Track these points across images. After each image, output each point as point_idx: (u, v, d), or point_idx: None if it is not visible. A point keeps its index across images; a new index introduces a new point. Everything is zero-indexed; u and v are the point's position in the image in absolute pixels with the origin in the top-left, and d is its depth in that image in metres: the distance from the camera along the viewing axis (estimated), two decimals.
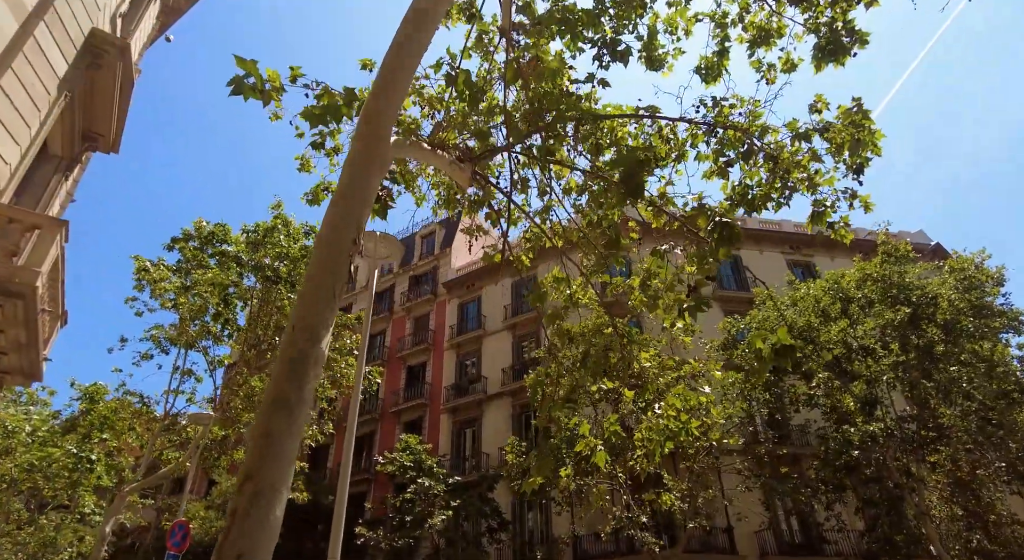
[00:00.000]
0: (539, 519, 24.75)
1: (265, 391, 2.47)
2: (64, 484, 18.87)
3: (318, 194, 7.54)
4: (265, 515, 2.08)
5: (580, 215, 6.18)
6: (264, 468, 2.15)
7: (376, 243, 7.70)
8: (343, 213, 2.89)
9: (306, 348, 2.37)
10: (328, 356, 15.82)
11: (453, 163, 4.33)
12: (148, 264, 14.81)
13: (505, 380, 28.47)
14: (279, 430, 2.20)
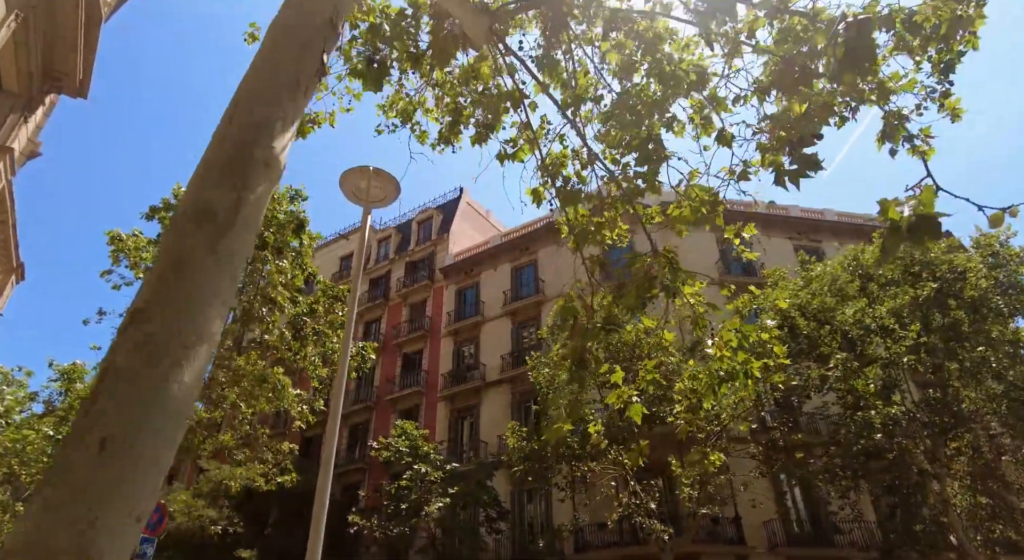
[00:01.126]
0: (539, 509, 23.91)
1: (179, 202, 1.57)
2: (40, 469, 17.92)
3: (303, 127, 6.61)
4: (160, 380, 1.20)
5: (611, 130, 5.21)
6: (167, 306, 1.27)
7: (369, 181, 6.77)
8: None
9: (248, 143, 1.47)
10: (320, 329, 15.01)
11: (470, 8, 3.41)
12: (122, 234, 13.84)
13: (504, 367, 27.60)
14: (196, 252, 1.32)
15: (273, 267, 13.02)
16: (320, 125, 6.65)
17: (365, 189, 6.88)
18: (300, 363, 15.04)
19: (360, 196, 6.93)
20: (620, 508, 15.19)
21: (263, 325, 13.68)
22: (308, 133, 6.56)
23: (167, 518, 10.90)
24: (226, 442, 15.31)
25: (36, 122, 9.64)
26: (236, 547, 22.47)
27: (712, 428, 16.29)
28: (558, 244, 29.42)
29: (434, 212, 37.97)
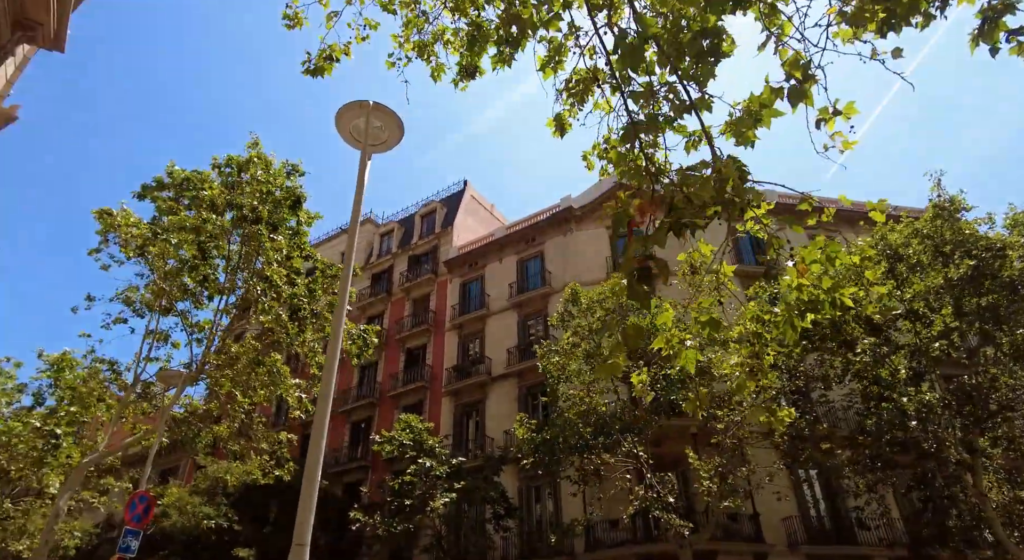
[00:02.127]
0: (548, 506, 23.08)
1: None
2: (27, 463, 17.16)
3: (321, 64, 5.86)
4: None
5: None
6: None
7: (368, 116, 5.97)
8: None
9: None
10: (319, 311, 14.21)
11: None
12: (111, 210, 13.08)
13: (511, 361, 26.79)
14: None
15: (268, 244, 12.21)
16: (338, 59, 5.92)
17: (364, 129, 6.08)
18: (298, 349, 14.24)
19: (358, 137, 6.14)
20: (636, 501, 14.33)
21: (259, 306, 12.90)
22: (328, 71, 5.83)
23: (154, 508, 10.11)
24: (220, 432, 14.51)
25: (7, 75, 8.87)
26: (234, 545, 21.69)
27: (731, 418, 15.44)
28: (565, 234, 28.68)
29: (437, 205, 37.23)
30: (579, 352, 16.69)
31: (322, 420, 4.56)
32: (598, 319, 16.55)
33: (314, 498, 4.24)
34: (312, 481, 4.28)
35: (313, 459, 4.37)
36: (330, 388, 4.66)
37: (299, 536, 4.05)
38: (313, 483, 4.28)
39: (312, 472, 4.31)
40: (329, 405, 4.67)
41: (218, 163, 12.38)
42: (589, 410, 16.23)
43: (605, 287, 17.54)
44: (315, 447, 4.42)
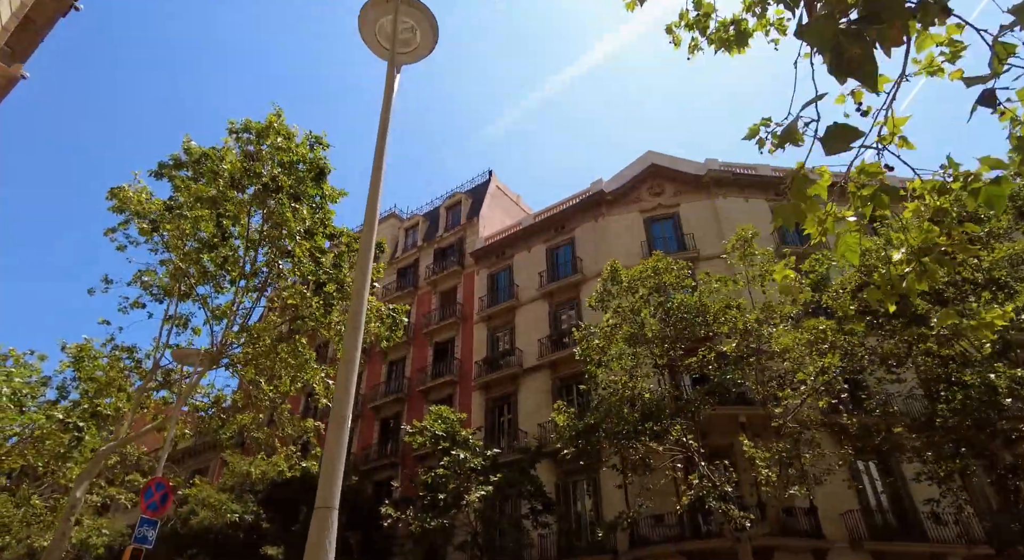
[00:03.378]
0: (587, 501, 21.94)
1: None
2: (51, 457, 16.66)
3: None
4: None
5: None
6: None
7: (396, 15, 4.99)
8: None
9: None
10: (345, 285, 13.32)
11: None
12: (126, 189, 12.39)
13: (543, 351, 25.72)
14: None
15: (289, 214, 11.36)
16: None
17: (386, 23, 5.12)
18: (324, 332, 13.40)
19: (383, 42, 5.18)
20: (691, 492, 13.13)
21: (281, 280, 12.10)
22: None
23: (172, 497, 9.30)
24: (245, 421, 13.75)
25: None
26: (263, 543, 21.00)
27: (792, 400, 14.16)
28: (596, 219, 27.54)
29: (463, 197, 36.39)
30: (620, 334, 15.56)
31: (353, 346, 3.60)
32: (640, 298, 15.41)
33: (342, 447, 3.28)
34: (340, 425, 3.31)
35: (342, 394, 3.40)
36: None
37: (325, 497, 3.08)
38: (342, 428, 3.31)
39: (340, 411, 3.35)
40: (360, 332, 3.70)
41: (235, 128, 11.58)
42: (633, 396, 15.08)
43: (647, 263, 16.39)
44: (344, 381, 3.45)
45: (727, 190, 25.75)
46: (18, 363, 17.59)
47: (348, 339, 3.66)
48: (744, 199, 25.54)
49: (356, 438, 30.89)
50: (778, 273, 4.01)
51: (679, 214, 26.04)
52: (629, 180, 27.20)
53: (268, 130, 11.58)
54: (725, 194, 25.62)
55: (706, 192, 26.01)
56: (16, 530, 18.67)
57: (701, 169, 26.34)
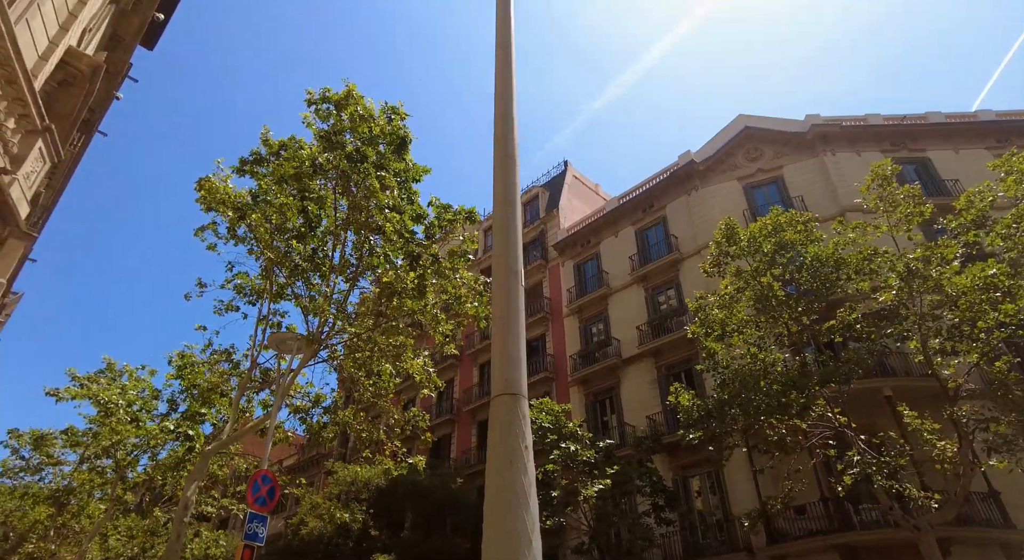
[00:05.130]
0: (711, 497, 19.96)
1: None
2: (166, 467, 16.83)
3: None
4: None
5: None
6: None
7: None
8: None
9: None
10: (440, 262, 12.41)
11: None
12: (213, 181, 12.06)
13: (643, 339, 24.00)
14: None
15: (375, 182, 10.56)
16: None
17: None
18: (420, 318, 12.54)
19: None
20: (852, 471, 11.11)
21: (373, 257, 11.34)
22: None
23: (279, 491, 8.57)
24: (346, 418, 13.08)
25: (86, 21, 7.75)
26: (372, 552, 20.46)
27: (970, 357, 11.85)
28: (688, 193, 25.62)
29: (540, 190, 35.31)
30: (743, 301, 13.77)
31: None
32: (766, 256, 13.56)
33: (517, 311, 2.15)
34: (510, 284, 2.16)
35: (501, 240, 2.25)
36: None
37: (505, 383, 1.95)
38: (514, 288, 2.17)
39: (507, 263, 2.20)
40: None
41: (313, 98, 10.98)
42: (765, 368, 13.23)
43: (766, 220, 14.51)
44: (504, 219, 2.30)
45: (836, 145, 23.18)
46: (132, 378, 18.01)
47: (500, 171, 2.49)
48: (856, 153, 22.88)
49: (454, 442, 30.23)
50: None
51: (783, 177, 23.69)
52: (722, 147, 25.14)
53: (347, 99, 10.89)
54: (834, 150, 23.07)
55: (811, 150, 23.54)
56: (140, 539, 19.05)
57: (803, 126, 23.91)
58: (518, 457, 1.91)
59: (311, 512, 21.99)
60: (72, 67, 9.16)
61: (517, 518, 1.75)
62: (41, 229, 25.63)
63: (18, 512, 23.69)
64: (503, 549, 1.71)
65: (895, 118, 23.70)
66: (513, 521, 1.74)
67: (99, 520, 18.03)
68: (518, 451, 1.92)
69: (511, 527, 1.74)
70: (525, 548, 1.69)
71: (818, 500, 16.44)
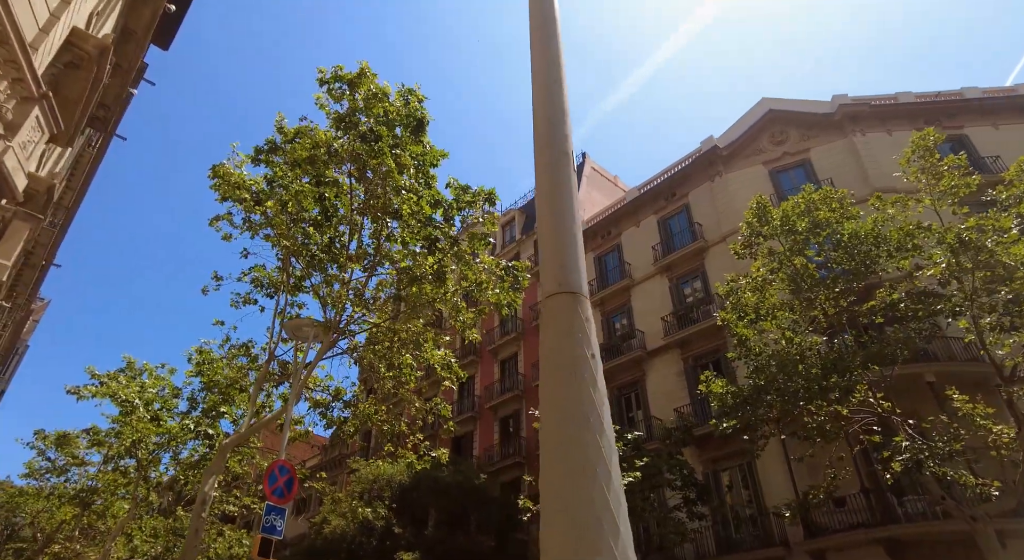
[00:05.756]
0: (743, 490, 19.28)
1: None
2: (187, 466, 16.65)
3: None
4: None
5: None
6: None
7: None
8: None
9: None
10: (460, 245, 11.98)
11: None
12: (228, 168, 11.77)
13: (668, 330, 23.36)
14: None
15: (391, 163, 10.16)
16: None
17: None
18: (440, 306, 12.11)
19: None
20: (902, 456, 10.43)
21: (391, 241, 10.95)
22: None
23: (297, 482, 8.19)
24: (367, 411, 12.71)
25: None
26: (396, 550, 20.13)
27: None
28: (712, 179, 24.90)
29: None
30: (778, 279, 13.12)
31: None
32: (801, 235, 12.90)
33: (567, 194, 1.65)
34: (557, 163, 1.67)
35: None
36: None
37: (565, 279, 1.46)
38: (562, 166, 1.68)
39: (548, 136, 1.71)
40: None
41: (325, 77, 10.60)
42: (802, 352, 12.57)
43: (798, 198, 13.84)
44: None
45: (865, 125, 22.31)
46: (151, 376, 17.87)
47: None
48: (887, 133, 22.00)
49: (476, 439, 29.83)
50: None
51: (810, 160, 22.88)
52: (746, 131, 24.39)
53: (360, 79, 10.50)
54: (863, 130, 22.21)
55: (839, 131, 22.70)
56: (163, 538, 18.93)
57: (830, 107, 23.07)
58: (584, 366, 1.45)
59: (333, 510, 21.74)
60: (78, 48, 8.89)
61: (588, 444, 1.27)
62: (66, 231, 25.77)
63: (45, 513, 23.81)
64: (574, 484, 1.23)
65: (928, 95, 22.76)
66: (583, 448, 1.27)
67: (122, 520, 17.90)
68: (583, 359, 1.46)
69: (581, 456, 1.25)
70: (603, 483, 1.21)
71: (858, 491, 15.71)
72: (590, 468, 1.24)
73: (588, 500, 1.20)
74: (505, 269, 11.45)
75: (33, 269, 21.17)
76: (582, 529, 1.17)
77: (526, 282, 11.90)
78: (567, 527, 1.23)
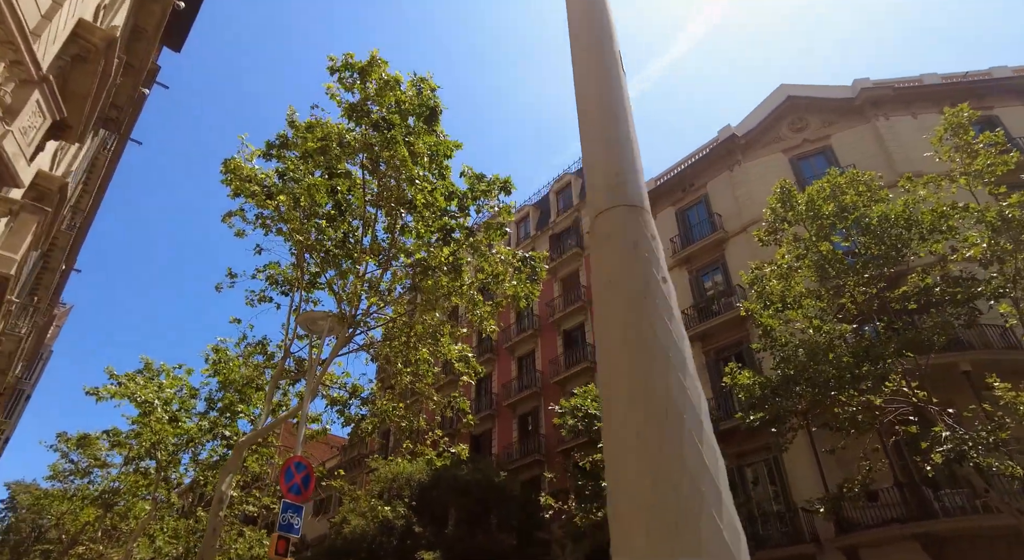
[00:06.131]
0: (768, 486, 18.80)
1: None
2: (205, 466, 16.60)
3: None
4: None
5: None
6: None
7: None
8: None
9: None
10: (476, 234, 11.70)
11: None
12: (240, 163, 11.61)
13: (689, 323, 22.85)
14: None
15: (404, 152, 9.90)
16: None
17: None
18: (456, 300, 11.85)
19: None
20: (943, 447, 9.94)
21: (406, 233, 10.72)
22: None
23: (314, 479, 7.97)
24: (385, 407, 12.49)
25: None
26: (417, 549, 19.94)
27: None
28: (731, 169, 24.38)
29: (572, 177, 34.39)
30: (804, 266, 12.67)
31: None
32: (828, 218, 12.44)
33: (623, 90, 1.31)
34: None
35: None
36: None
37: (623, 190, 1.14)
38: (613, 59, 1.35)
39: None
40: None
41: (336, 66, 10.38)
42: (831, 341, 12.11)
43: (823, 183, 13.37)
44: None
45: (888, 109, 21.67)
46: (169, 377, 17.84)
47: None
48: (912, 116, 21.34)
49: (495, 438, 29.57)
50: None
51: (831, 147, 22.28)
52: (764, 119, 23.83)
53: (371, 67, 10.26)
54: (887, 114, 21.57)
55: (861, 116, 22.07)
56: (184, 539, 18.92)
57: (851, 92, 22.44)
58: (656, 292, 1.16)
59: (353, 510, 21.60)
60: (85, 40, 8.75)
61: (672, 386, 0.97)
62: (84, 234, 25.88)
63: (69, 514, 23.99)
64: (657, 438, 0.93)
65: (955, 76, 22.04)
66: (665, 392, 0.96)
67: (143, 520, 17.92)
68: (655, 283, 1.17)
69: (663, 401, 0.94)
70: (694, 434, 0.92)
71: (892, 485, 15.18)
72: (675, 415, 0.95)
73: (677, 457, 0.90)
74: (522, 260, 11.15)
75: (52, 272, 21.29)
76: (673, 496, 0.87)
77: (543, 273, 11.59)
78: (651, 495, 0.92)
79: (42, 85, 5.22)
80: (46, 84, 5.29)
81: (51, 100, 5.40)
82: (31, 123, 5.24)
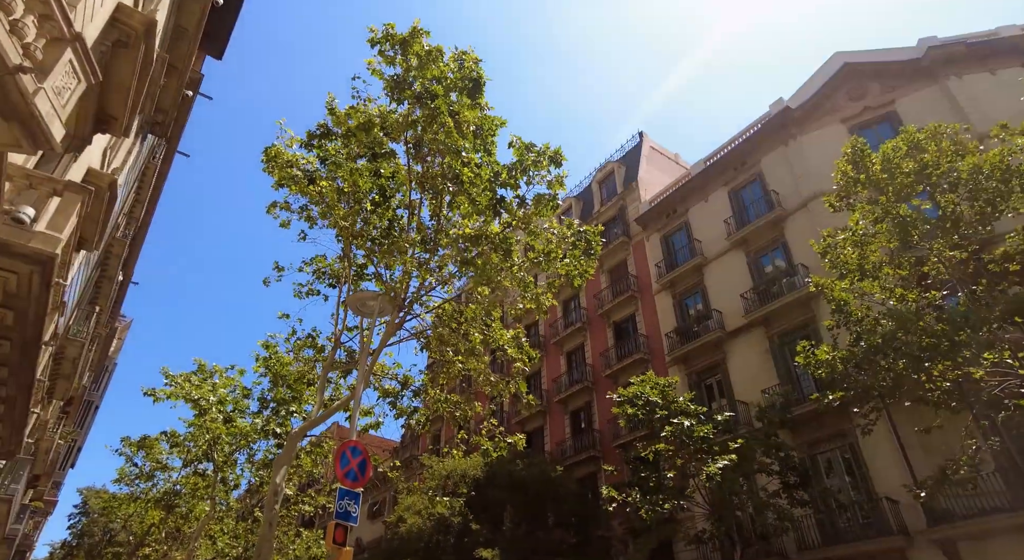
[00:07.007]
0: (846, 475, 17.51)
1: None
2: (260, 465, 16.54)
3: None
4: None
5: None
6: None
7: None
8: None
9: None
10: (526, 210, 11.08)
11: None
12: (282, 150, 11.38)
13: (749, 307, 21.71)
14: None
15: (449, 122, 9.41)
16: None
17: None
18: (507, 283, 11.30)
19: None
20: None
21: (454, 208, 10.24)
22: None
23: (371, 465, 7.52)
24: (437, 396, 12.04)
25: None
26: (475, 547, 19.47)
27: None
28: (786, 143, 23.12)
29: (615, 166, 33.49)
30: (883, 230, 11.61)
31: None
32: (910, 177, 11.34)
33: None
34: None
35: None
36: None
37: None
38: None
39: None
40: None
41: (376, 38, 9.98)
42: (919, 310, 11.01)
43: (897, 141, 12.26)
44: None
45: (961, 67, 20.06)
46: (222, 377, 17.93)
47: None
48: (990, 73, 19.69)
49: (547, 434, 28.91)
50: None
51: (896, 113, 20.79)
52: (820, 89, 22.48)
53: (412, 38, 9.84)
54: (959, 72, 19.97)
55: (929, 77, 20.52)
56: (243, 539, 18.98)
57: (917, 52, 20.91)
58: None
59: (408, 509, 21.31)
60: (124, 24, 8.61)
61: None
62: (140, 245, 26.47)
63: (136, 517, 24.57)
64: None
65: None
66: None
67: (203, 521, 18.04)
68: None
69: None
70: None
71: (993, 470, 13.81)
72: None
73: None
74: (577, 233, 10.51)
75: (110, 281, 21.73)
76: None
77: (599, 248, 10.91)
78: None
79: (74, 43, 4.95)
80: (79, 42, 5.01)
81: (85, 61, 5.13)
82: (64, 83, 4.97)
